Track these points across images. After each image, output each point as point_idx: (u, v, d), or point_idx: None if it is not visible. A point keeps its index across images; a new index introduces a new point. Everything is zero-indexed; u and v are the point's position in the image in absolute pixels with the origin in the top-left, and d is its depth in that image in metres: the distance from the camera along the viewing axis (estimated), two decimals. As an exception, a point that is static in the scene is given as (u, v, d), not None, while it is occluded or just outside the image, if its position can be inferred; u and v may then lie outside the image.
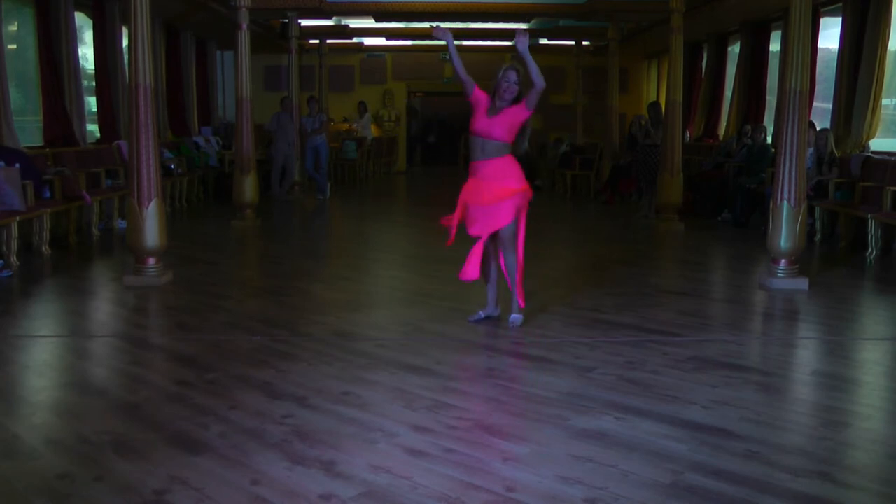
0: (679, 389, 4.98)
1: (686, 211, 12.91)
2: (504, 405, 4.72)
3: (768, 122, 14.58)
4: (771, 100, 14.80)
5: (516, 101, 6.23)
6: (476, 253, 6.30)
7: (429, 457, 3.97)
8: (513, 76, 6.21)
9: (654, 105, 14.10)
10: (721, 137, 16.73)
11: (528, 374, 5.31)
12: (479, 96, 6.30)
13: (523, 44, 6.09)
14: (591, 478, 3.73)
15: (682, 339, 6.24)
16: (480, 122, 6.26)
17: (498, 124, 6.22)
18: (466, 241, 6.34)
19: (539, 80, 6.07)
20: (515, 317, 6.51)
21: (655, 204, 12.79)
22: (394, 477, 3.74)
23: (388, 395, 4.90)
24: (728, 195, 13.18)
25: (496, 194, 6.23)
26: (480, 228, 6.31)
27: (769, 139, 13.62)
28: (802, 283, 7.90)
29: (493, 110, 6.23)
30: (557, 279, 8.88)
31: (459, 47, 6.45)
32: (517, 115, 6.23)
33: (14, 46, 11.85)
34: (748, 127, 14.09)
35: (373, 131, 22.28)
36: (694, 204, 13.64)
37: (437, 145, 28.54)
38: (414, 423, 4.40)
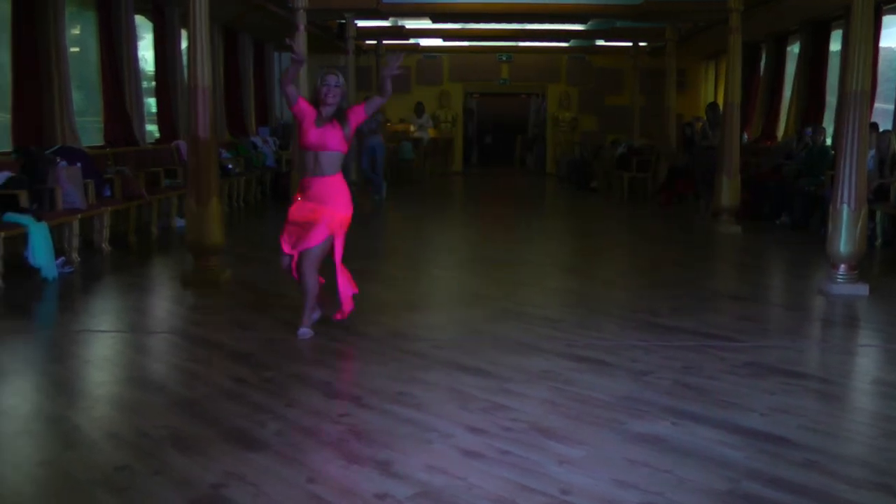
0: (736, 395, 4.92)
1: (744, 213, 12.74)
2: (559, 407, 4.70)
3: (828, 123, 14.32)
4: (831, 100, 14.55)
5: (341, 107, 6.00)
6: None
7: (484, 458, 3.97)
8: (333, 79, 6.00)
9: (713, 106, 13.95)
10: (779, 139, 16.48)
11: (584, 376, 5.28)
12: (304, 108, 5.98)
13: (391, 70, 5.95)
14: (646, 483, 3.71)
15: (739, 344, 6.17)
16: (311, 134, 5.98)
17: (331, 134, 5.99)
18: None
19: (389, 90, 5.98)
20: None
21: (712, 206, 12.64)
22: (449, 478, 3.75)
23: (443, 395, 4.92)
24: (787, 198, 12.97)
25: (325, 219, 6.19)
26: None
27: (829, 141, 13.39)
28: (863, 289, 7.74)
29: (321, 120, 5.97)
30: (614, 281, 8.84)
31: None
32: (354, 120, 6.02)
33: (77, 49, 12.07)
34: (808, 128, 13.86)
35: (429, 132, 22.33)
36: (752, 206, 13.43)
37: (493, 146, 28.57)
38: (469, 424, 4.40)
